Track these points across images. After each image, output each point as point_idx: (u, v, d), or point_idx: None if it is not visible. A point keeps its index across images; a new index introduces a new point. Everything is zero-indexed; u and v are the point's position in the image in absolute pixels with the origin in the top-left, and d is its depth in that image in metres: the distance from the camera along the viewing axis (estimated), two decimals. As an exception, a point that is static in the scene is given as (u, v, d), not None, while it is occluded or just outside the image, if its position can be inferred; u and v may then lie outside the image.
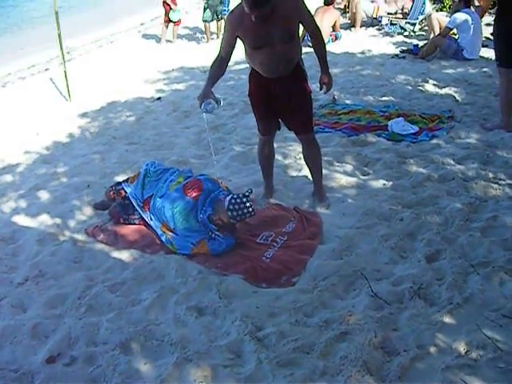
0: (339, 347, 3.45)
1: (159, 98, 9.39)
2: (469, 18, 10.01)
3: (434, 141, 6.57)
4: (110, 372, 3.43)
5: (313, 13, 12.10)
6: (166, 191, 4.93)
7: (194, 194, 4.80)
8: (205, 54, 12.49)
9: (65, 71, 9.77)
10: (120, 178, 5.76)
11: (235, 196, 4.68)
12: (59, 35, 9.47)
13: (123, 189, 5.26)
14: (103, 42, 15.31)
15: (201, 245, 4.66)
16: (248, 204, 4.63)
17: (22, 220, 5.59)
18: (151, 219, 4.98)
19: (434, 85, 8.73)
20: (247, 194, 4.69)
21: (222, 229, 4.73)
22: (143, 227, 5.08)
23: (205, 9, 13.51)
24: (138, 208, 5.08)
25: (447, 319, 3.59)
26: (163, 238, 4.84)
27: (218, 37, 14.00)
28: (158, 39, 14.79)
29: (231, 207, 4.62)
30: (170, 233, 4.81)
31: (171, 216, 4.77)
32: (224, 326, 3.78)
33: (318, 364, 3.34)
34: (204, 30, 13.80)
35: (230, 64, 11.00)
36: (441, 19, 11.45)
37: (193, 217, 4.73)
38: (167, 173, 5.18)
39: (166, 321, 3.88)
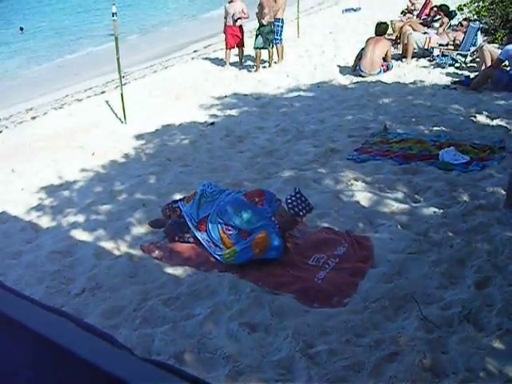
0: (389, 367, 3.51)
1: (212, 123, 9.55)
2: (522, 50, 10.02)
3: (485, 171, 6.59)
4: (164, 382, 3.53)
5: (364, 43, 12.35)
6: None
7: (257, 199, 5.09)
8: (256, 82, 12.71)
9: (121, 94, 10.02)
10: (175, 198, 5.92)
11: (288, 196, 4.95)
12: (118, 59, 9.74)
13: (179, 207, 5.41)
14: (157, 68, 15.65)
15: (261, 234, 4.81)
16: (303, 198, 4.88)
17: (79, 235, 5.78)
18: (207, 237, 5.11)
19: (485, 116, 8.74)
20: (296, 191, 4.95)
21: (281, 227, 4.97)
22: (197, 245, 5.20)
23: (256, 36, 13.67)
24: (192, 228, 5.22)
25: (496, 344, 3.62)
26: (218, 253, 4.98)
27: (269, 65, 14.19)
28: (212, 66, 15.02)
29: (290, 205, 4.86)
30: (229, 242, 5.00)
31: (234, 214, 5.01)
32: (276, 342, 3.87)
33: (367, 382, 3.41)
34: (255, 57, 13.94)
35: (282, 91, 11.30)
36: (492, 51, 11.44)
37: (256, 217, 4.97)
38: (223, 193, 5.33)
39: (218, 335, 3.98)
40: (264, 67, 14.15)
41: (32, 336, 0.85)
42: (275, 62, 14.33)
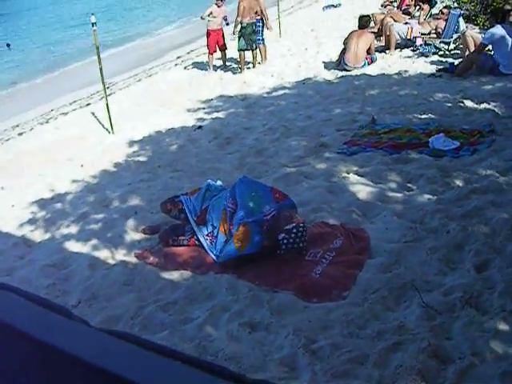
0: (393, 357, 3.46)
1: (200, 127, 9.49)
2: (504, 33, 10.00)
3: (476, 155, 6.56)
4: (166, 388, 3.47)
5: (346, 36, 12.32)
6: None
7: (277, 195, 5.14)
8: (241, 83, 12.68)
9: (107, 104, 9.96)
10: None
11: (302, 225, 4.90)
12: (101, 69, 9.68)
13: (181, 201, 5.36)
14: (141, 76, 15.60)
15: (242, 228, 4.83)
16: (303, 238, 4.83)
17: (72, 246, 5.72)
18: (205, 230, 5.10)
19: (472, 101, 8.72)
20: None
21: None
22: (192, 248, 5.17)
23: (239, 38, 13.62)
24: (191, 221, 5.20)
25: (501, 326, 3.58)
26: (214, 252, 4.95)
27: (253, 66, 14.13)
28: (196, 70, 14.98)
29: (290, 234, 4.81)
30: (224, 234, 4.99)
31: (244, 194, 5.07)
32: (277, 340, 3.82)
33: (373, 374, 3.35)
34: (239, 59, 13.89)
35: (268, 91, 11.26)
36: (475, 36, 11.43)
37: (263, 200, 5.02)
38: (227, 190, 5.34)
39: (219, 337, 3.92)
40: (248, 68, 14.09)
41: None
42: (259, 63, 14.27)
